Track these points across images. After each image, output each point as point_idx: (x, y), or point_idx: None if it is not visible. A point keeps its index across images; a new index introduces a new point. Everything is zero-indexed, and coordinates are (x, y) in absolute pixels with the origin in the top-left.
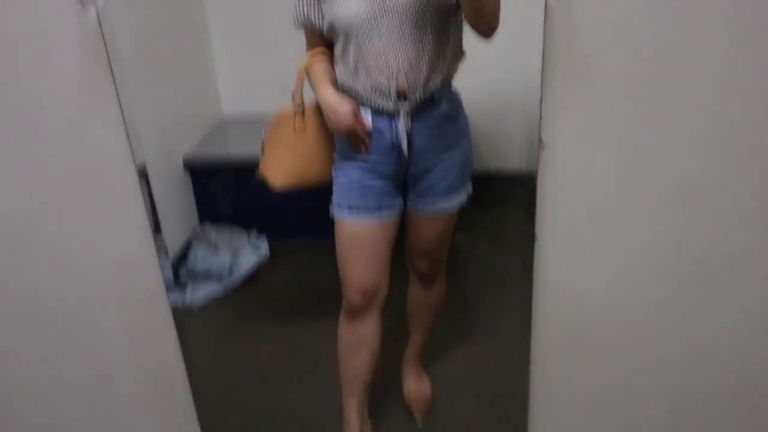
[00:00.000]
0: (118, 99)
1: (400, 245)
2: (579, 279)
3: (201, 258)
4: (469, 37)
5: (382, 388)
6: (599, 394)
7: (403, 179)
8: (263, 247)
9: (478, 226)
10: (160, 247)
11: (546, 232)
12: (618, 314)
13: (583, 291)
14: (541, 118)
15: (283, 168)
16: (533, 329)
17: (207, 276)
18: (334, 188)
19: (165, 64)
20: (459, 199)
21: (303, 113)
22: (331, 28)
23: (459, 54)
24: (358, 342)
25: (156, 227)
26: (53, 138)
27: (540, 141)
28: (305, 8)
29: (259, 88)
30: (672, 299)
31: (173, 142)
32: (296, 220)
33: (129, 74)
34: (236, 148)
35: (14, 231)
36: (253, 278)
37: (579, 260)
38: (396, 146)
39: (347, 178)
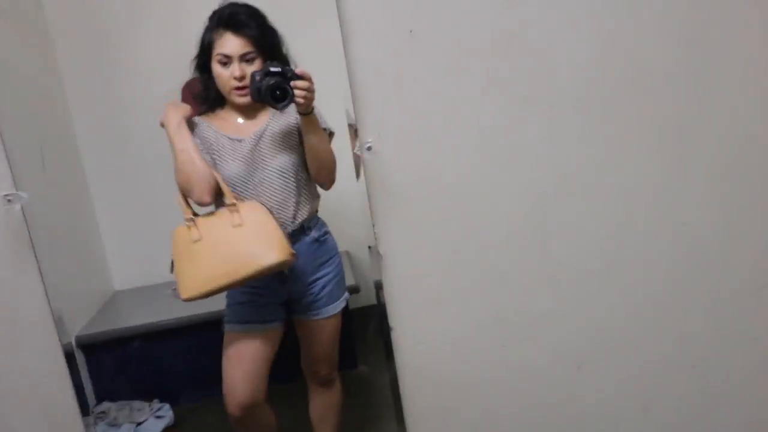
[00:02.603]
0: (41, 275)
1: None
2: (429, 353)
3: None
4: None
5: None
6: None
7: (286, 298)
8: (167, 414)
9: (378, 353)
10: None
11: (397, 322)
12: (463, 375)
13: (433, 362)
14: (375, 236)
15: (188, 280)
16: (403, 402)
17: None
18: (227, 309)
19: (49, 247)
20: (340, 305)
21: (194, 223)
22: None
23: (316, 195)
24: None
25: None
26: None
27: (378, 254)
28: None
29: (149, 259)
30: (500, 358)
31: (65, 323)
32: (197, 382)
33: None
34: (129, 320)
35: None
36: None
37: (426, 338)
38: (276, 274)
39: (238, 300)
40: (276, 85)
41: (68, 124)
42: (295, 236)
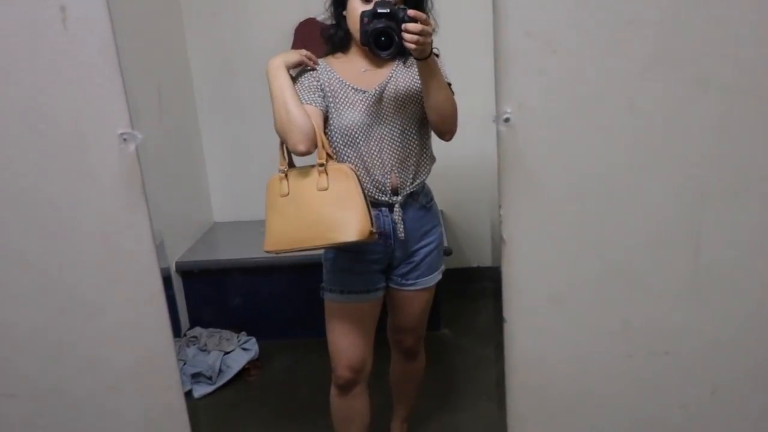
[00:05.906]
0: (150, 218)
1: (382, 325)
2: (543, 353)
3: (191, 360)
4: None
5: None
6: None
7: (388, 263)
8: (253, 348)
9: (462, 318)
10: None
11: (512, 314)
12: (578, 383)
13: (547, 364)
14: (500, 220)
15: (272, 234)
16: (507, 400)
17: (197, 378)
18: (326, 275)
19: (157, 174)
20: (437, 277)
21: (286, 176)
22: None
23: (432, 158)
24: (349, 413)
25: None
26: (91, 246)
27: (502, 238)
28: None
29: (249, 195)
30: (624, 371)
31: (166, 248)
32: (285, 321)
33: None
34: (226, 252)
35: (52, 327)
36: (241, 377)
37: (542, 337)
38: (383, 234)
39: (339, 267)
40: (381, 30)
41: (186, 66)
42: (406, 200)
